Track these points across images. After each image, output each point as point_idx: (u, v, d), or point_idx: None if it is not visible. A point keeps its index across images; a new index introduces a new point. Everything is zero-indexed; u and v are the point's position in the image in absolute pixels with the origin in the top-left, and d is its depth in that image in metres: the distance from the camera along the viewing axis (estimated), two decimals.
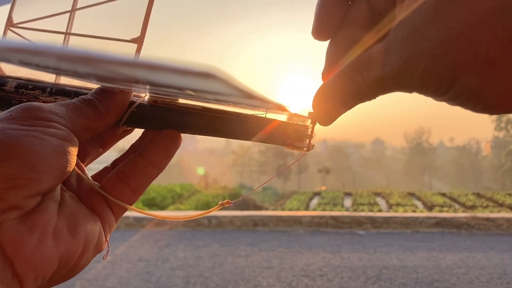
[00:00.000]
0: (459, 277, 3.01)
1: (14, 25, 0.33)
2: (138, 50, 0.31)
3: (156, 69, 0.14)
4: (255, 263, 3.31)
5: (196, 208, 9.10)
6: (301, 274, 3.08)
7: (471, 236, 4.26)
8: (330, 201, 10.69)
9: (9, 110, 0.23)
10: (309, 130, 0.29)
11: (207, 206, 9.64)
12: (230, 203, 0.29)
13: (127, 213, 0.30)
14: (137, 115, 0.28)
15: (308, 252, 3.64)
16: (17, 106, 0.23)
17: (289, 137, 0.28)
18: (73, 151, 0.23)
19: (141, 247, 3.74)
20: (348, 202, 10.76)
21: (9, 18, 0.33)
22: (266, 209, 9.45)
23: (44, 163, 0.21)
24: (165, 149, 0.28)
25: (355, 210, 8.38)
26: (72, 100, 0.26)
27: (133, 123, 0.28)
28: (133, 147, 0.30)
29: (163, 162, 0.28)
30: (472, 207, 9.18)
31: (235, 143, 48.49)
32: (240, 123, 0.28)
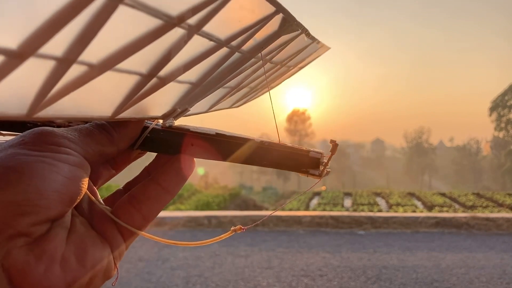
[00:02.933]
0: (459, 277, 3.02)
1: None
2: None
3: None
4: (255, 263, 3.31)
5: (196, 208, 9.09)
6: (301, 274, 3.08)
7: (471, 236, 4.27)
8: (330, 201, 10.69)
9: (21, 134, 0.23)
10: (325, 158, 0.28)
11: (207, 206, 9.64)
12: (243, 229, 0.29)
13: None
14: (150, 140, 0.28)
15: (308, 252, 3.64)
16: (29, 130, 0.23)
17: (304, 164, 0.28)
18: (84, 177, 0.23)
19: (141, 247, 3.74)
20: (348, 202, 10.77)
21: None
22: (266, 209, 9.46)
23: (53, 189, 0.21)
24: (178, 175, 0.28)
25: (355, 210, 8.38)
26: (85, 125, 0.26)
27: (146, 148, 0.28)
28: (147, 170, 0.30)
29: (176, 188, 0.28)
30: (472, 207, 9.18)
31: None
32: (255, 149, 0.28)
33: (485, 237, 4.23)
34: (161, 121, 0.28)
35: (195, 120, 0.30)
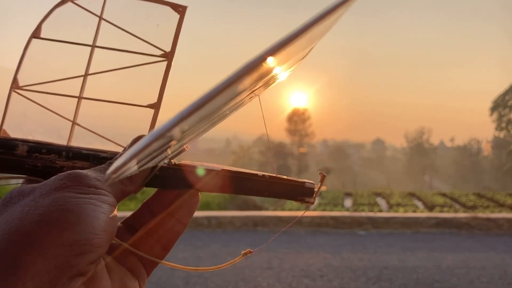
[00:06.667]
0: (459, 278, 3.01)
1: (20, 88, 0.32)
2: (155, 116, 0.32)
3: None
4: (255, 264, 3.30)
5: (197, 208, 9.10)
6: (301, 274, 3.07)
7: (472, 236, 4.26)
8: (330, 201, 10.68)
9: (58, 178, 0.24)
10: (317, 187, 0.31)
11: (207, 206, 9.64)
12: (252, 252, 0.33)
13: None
14: (158, 177, 0.29)
15: (308, 253, 3.63)
16: (65, 174, 0.24)
17: (301, 194, 0.31)
18: (117, 215, 0.25)
19: None
20: (348, 202, 10.76)
21: (15, 80, 0.32)
22: (266, 209, 9.46)
23: (102, 228, 0.22)
24: (190, 208, 0.30)
25: (355, 210, 8.36)
26: (106, 165, 0.27)
27: (154, 184, 0.30)
28: (146, 205, 0.31)
29: (189, 219, 0.31)
30: (473, 207, 9.17)
31: (235, 143, 48.49)
32: (258, 182, 0.30)
33: (486, 237, 4.22)
34: (166, 160, 0.30)
35: None
